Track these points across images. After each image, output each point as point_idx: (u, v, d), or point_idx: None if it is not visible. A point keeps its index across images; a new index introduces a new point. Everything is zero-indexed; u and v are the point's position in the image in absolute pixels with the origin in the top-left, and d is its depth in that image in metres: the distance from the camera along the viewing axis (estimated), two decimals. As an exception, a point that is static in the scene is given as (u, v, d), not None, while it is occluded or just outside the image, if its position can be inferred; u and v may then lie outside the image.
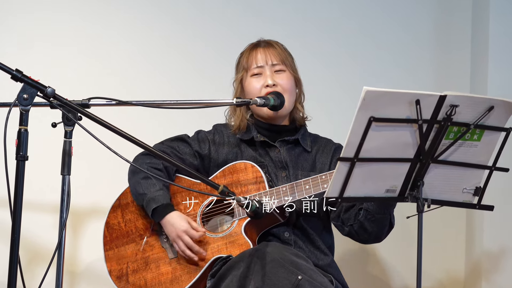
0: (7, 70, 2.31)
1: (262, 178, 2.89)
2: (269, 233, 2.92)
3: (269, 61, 2.99)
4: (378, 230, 2.83)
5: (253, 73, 3.00)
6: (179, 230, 2.85)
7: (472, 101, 2.33)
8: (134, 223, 2.98)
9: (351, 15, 3.91)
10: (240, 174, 2.92)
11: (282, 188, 2.84)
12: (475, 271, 3.82)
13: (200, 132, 3.09)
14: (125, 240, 2.98)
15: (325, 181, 2.79)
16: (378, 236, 2.87)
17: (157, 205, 2.88)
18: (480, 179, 2.47)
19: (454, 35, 3.98)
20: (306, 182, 2.82)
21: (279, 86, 2.96)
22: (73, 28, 3.60)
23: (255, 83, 2.99)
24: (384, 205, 2.73)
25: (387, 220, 2.80)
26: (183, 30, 3.72)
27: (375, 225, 2.80)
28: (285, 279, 2.54)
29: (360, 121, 2.27)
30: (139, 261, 2.94)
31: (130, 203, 3.01)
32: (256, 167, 2.91)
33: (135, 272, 2.94)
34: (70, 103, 2.37)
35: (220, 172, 2.96)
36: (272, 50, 3.01)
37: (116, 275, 2.95)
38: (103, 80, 3.59)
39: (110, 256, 2.98)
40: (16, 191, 2.30)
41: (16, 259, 2.28)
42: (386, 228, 2.84)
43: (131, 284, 2.93)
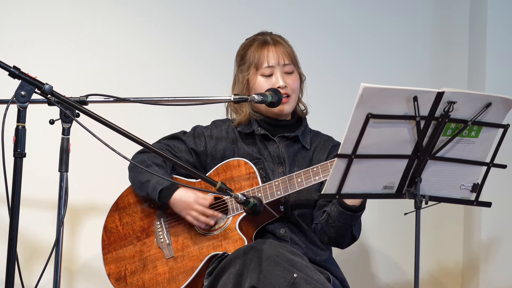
0: (4, 67, 2.31)
1: (255, 174, 2.89)
2: (265, 230, 2.92)
3: (281, 61, 2.98)
4: (338, 237, 2.84)
5: (264, 73, 2.98)
6: (188, 201, 2.86)
7: (470, 97, 2.33)
8: (131, 226, 2.99)
9: (350, 12, 3.91)
10: (233, 171, 2.92)
11: (274, 182, 2.85)
12: (473, 266, 3.83)
13: (196, 128, 3.09)
14: (123, 243, 2.99)
15: (317, 173, 2.79)
16: (339, 243, 2.89)
17: (162, 186, 2.89)
18: (478, 175, 2.47)
19: (452, 32, 3.98)
20: (298, 175, 2.83)
21: (289, 87, 2.96)
22: (71, 24, 3.59)
23: (265, 84, 2.97)
24: (347, 215, 2.75)
25: (347, 230, 2.81)
26: (182, 26, 3.71)
27: (334, 231, 2.82)
28: (281, 277, 2.54)
29: (358, 118, 2.27)
30: (136, 262, 2.95)
31: (127, 206, 3.01)
32: (249, 164, 2.91)
33: (133, 274, 2.95)
34: (68, 100, 2.37)
35: (214, 170, 2.97)
36: (282, 48, 3.00)
37: (115, 278, 2.96)
38: (101, 77, 3.59)
39: (109, 259, 2.99)
40: (14, 188, 2.29)
41: (14, 256, 2.28)
42: (347, 238, 2.86)
43: (129, 285, 2.94)
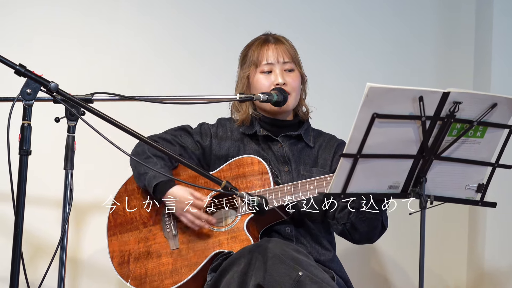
0: (10, 64, 2.31)
1: (268, 174, 2.89)
2: (270, 229, 2.92)
3: (281, 58, 2.98)
4: (369, 231, 2.82)
5: (263, 70, 2.98)
6: (183, 202, 2.84)
7: (475, 98, 2.33)
8: (138, 210, 2.98)
9: (357, 12, 3.90)
10: (246, 169, 2.92)
11: (286, 187, 2.84)
12: (478, 268, 3.82)
13: (203, 125, 3.09)
14: (128, 227, 2.98)
15: (329, 183, 2.77)
16: (370, 237, 2.87)
17: (157, 181, 2.88)
18: (483, 176, 2.47)
19: (458, 32, 3.98)
20: (310, 183, 2.82)
21: (288, 85, 2.96)
22: (77, 22, 3.59)
23: (264, 80, 2.98)
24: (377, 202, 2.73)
25: (378, 221, 2.79)
26: (187, 24, 3.71)
27: (366, 225, 2.80)
28: (286, 275, 2.54)
29: (363, 118, 2.27)
30: (141, 249, 2.95)
31: (136, 189, 3.00)
32: (262, 163, 2.90)
33: (136, 260, 2.94)
34: (73, 98, 2.37)
35: (227, 165, 2.96)
36: (283, 46, 3.00)
37: (118, 261, 2.96)
38: (106, 75, 3.59)
39: (113, 241, 2.98)
40: (19, 185, 2.30)
41: (19, 253, 2.29)
42: (378, 230, 2.84)
43: (132, 271, 2.93)
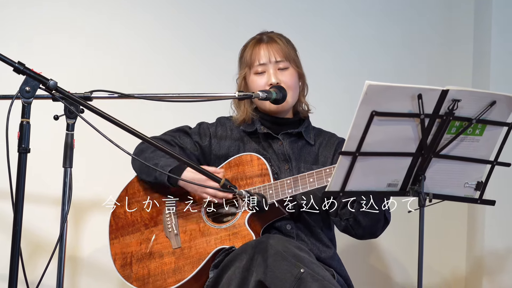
0: (9, 62, 2.31)
1: (267, 170, 2.89)
2: (271, 226, 2.92)
3: (272, 58, 2.98)
4: (372, 225, 2.82)
5: (256, 71, 2.99)
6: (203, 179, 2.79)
7: (474, 95, 2.33)
8: (140, 213, 2.99)
9: (355, 10, 3.90)
10: (245, 166, 2.92)
11: (286, 181, 2.84)
12: (477, 265, 3.83)
13: (202, 124, 3.09)
14: (130, 229, 2.99)
15: (329, 174, 2.78)
16: (373, 232, 2.87)
17: (171, 166, 2.87)
18: (482, 173, 2.47)
19: (457, 30, 3.98)
20: (310, 175, 2.82)
21: (283, 83, 2.95)
22: (77, 21, 3.59)
23: (258, 81, 2.98)
24: (378, 199, 2.73)
25: (381, 214, 2.79)
26: (186, 22, 3.71)
27: (369, 219, 2.79)
28: (288, 272, 2.54)
29: (362, 115, 2.27)
30: (143, 250, 2.96)
31: (136, 193, 3.02)
32: (262, 160, 2.91)
33: (138, 261, 2.95)
34: (72, 95, 2.37)
35: (226, 163, 2.97)
36: (275, 46, 3.00)
37: (120, 264, 2.97)
38: (105, 73, 3.59)
39: (115, 244, 2.99)
40: (18, 183, 2.30)
41: (17, 251, 2.29)
42: (381, 223, 2.83)
43: (135, 272, 2.94)
